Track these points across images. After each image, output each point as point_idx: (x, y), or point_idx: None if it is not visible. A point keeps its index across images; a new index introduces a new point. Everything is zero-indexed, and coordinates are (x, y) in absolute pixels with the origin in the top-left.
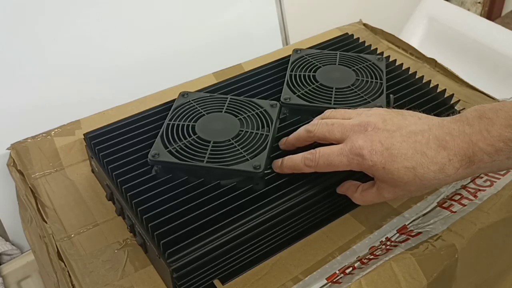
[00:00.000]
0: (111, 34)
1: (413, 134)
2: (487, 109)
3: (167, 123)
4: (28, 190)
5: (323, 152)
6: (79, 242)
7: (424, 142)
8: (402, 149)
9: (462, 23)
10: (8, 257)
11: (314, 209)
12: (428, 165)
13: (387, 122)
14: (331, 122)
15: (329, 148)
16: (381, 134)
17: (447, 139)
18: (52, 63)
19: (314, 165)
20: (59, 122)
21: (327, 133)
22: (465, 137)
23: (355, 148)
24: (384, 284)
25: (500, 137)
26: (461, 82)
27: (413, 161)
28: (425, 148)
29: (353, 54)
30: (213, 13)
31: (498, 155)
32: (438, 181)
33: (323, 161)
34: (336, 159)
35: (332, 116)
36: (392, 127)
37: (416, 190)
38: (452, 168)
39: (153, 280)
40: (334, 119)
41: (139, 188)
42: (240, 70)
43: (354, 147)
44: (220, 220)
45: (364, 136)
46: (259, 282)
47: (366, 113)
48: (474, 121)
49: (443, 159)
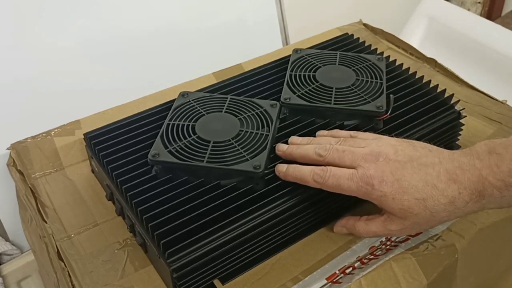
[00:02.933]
0: (111, 34)
1: (424, 167)
2: (497, 144)
3: (167, 123)
4: (28, 190)
5: (334, 172)
6: (79, 242)
7: (435, 175)
8: (413, 180)
9: (462, 23)
10: (8, 257)
11: (314, 209)
12: (438, 197)
13: (398, 153)
14: (342, 149)
15: (341, 170)
16: (392, 164)
17: (457, 172)
18: (52, 63)
19: (322, 182)
20: (59, 122)
21: (338, 159)
22: (475, 171)
23: (365, 177)
24: (384, 284)
25: (510, 172)
26: (461, 82)
27: (424, 193)
28: (436, 180)
29: (353, 54)
30: (213, 13)
31: (508, 190)
32: (447, 214)
33: (332, 181)
34: (345, 182)
35: (337, 135)
36: (404, 158)
37: (425, 223)
38: (462, 201)
39: (153, 280)
40: (345, 146)
41: (139, 188)
42: (240, 70)
43: (364, 175)
44: (220, 220)
45: (376, 166)
46: (259, 282)
47: (377, 143)
48: (484, 156)
49: (453, 192)
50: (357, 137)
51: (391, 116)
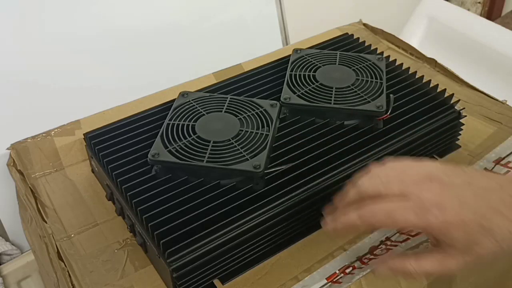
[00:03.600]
0: (111, 34)
1: (484, 191)
2: None
3: (167, 123)
4: (28, 190)
5: (380, 206)
6: (79, 242)
7: (498, 200)
8: (476, 207)
9: (462, 23)
10: (8, 257)
11: (314, 209)
12: (506, 225)
13: (449, 175)
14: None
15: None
16: (450, 189)
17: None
18: (52, 63)
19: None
20: (59, 122)
21: (382, 186)
22: None
23: (422, 204)
24: (384, 284)
25: None
26: (461, 82)
27: (490, 221)
28: (501, 206)
29: (353, 54)
30: (213, 13)
31: None
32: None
33: (383, 215)
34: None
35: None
36: (459, 181)
37: (490, 255)
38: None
39: (153, 280)
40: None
41: (139, 188)
42: (240, 70)
43: (421, 203)
44: (219, 220)
45: (431, 191)
46: (259, 282)
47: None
48: None
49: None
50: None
51: (391, 116)
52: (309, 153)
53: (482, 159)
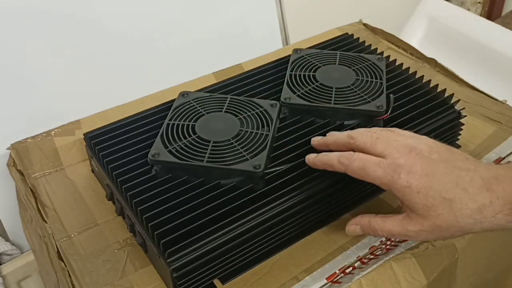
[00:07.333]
0: (111, 33)
1: (457, 169)
2: None
3: (167, 123)
4: (28, 190)
5: (361, 156)
6: (79, 242)
7: (468, 179)
8: (443, 179)
9: (462, 23)
10: (8, 257)
11: (314, 209)
12: (467, 201)
13: (433, 152)
14: (376, 136)
15: (369, 155)
16: (424, 160)
17: (492, 181)
18: (52, 63)
19: (347, 164)
20: (59, 122)
21: (369, 144)
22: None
23: (394, 165)
24: (384, 284)
25: None
26: (461, 82)
27: (452, 193)
28: (468, 185)
29: (353, 54)
30: (213, 13)
31: None
32: (472, 222)
33: (358, 163)
34: (371, 167)
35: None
36: (437, 158)
37: (446, 227)
38: (492, 210)
39: (153, 280)
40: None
41: (139, 188)
42: (240, 70)
43: (393, 164)
44: (220, 220)
45: (407, 157)
46: (259, 281)
47: (414, 140)
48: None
49: (484, 199)
50: (394, 131)
51: (391, 116)
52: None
53: (482, 159)
